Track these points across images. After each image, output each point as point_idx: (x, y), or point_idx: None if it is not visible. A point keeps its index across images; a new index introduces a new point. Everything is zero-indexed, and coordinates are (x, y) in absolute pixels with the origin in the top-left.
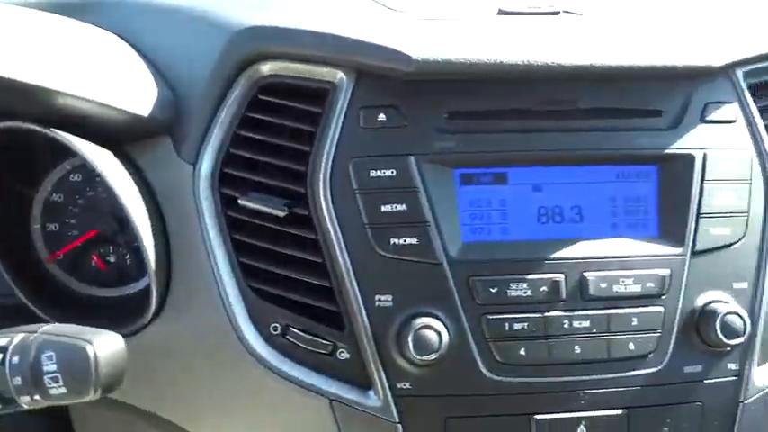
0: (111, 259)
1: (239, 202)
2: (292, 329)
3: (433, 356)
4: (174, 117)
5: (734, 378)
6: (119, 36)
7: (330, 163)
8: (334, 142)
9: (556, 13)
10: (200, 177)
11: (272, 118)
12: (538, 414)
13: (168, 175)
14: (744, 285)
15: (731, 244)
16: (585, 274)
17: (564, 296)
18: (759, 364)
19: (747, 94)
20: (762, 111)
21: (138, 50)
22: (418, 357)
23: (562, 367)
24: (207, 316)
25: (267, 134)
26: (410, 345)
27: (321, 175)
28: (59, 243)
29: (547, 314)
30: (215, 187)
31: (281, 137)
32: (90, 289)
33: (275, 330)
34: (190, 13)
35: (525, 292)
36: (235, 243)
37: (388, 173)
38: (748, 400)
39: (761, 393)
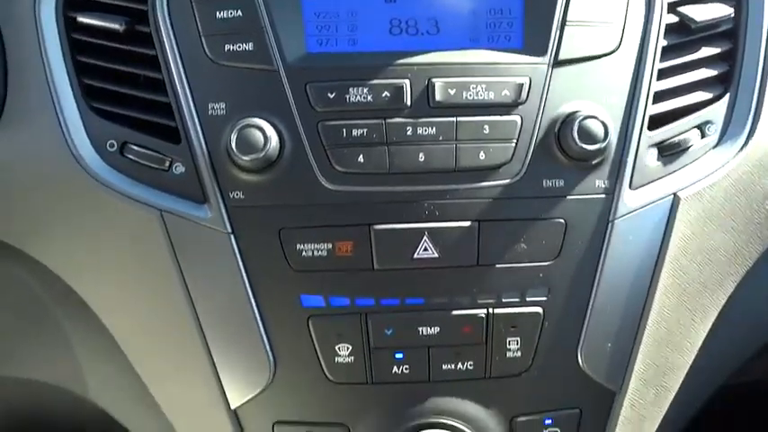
0: None
1: (79, 19)
2: (129, 145)
3: (256, 156)
4: None
5: (602, 196)
6: None
7: None
8: None
9: None
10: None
11: None
12: (377, 224)
13: None
14: (616, 100)
15: (603, 55)
16: (433, 79)
17: (408, 102)
18: (633, 187)
19: None
20: None
21: None
22: (242, 157)
23: (404, 176)
24: (43, 132)
25: None
26: (233, 143)
27: None
28: None
29: (389, 120)
30: (59, 10)
31: None
32: None
33: (112, 147)
34: None
35: (365, 98)
36: (77, 64)
37: None
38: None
39: (633, 213)
